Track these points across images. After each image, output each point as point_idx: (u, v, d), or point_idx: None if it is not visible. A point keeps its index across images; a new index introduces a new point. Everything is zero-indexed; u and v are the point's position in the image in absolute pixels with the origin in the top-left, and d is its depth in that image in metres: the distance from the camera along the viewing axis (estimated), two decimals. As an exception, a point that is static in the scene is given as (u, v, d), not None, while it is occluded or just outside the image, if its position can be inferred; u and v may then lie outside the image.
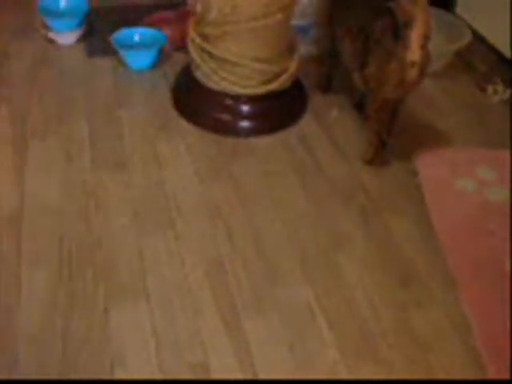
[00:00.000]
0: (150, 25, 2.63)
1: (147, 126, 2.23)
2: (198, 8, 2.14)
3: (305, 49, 2.53)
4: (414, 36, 1.82)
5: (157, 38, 2.55)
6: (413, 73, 1.88)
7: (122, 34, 2.54)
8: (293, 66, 2.19)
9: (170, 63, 2.56)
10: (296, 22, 2.38)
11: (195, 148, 2.15)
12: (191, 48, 2.18)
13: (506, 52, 2.58)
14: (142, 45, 2.55)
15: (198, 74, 2.22)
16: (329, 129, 2.27)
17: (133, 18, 2.75)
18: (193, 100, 2.25)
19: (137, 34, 2.58)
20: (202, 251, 1.79)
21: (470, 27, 2.64)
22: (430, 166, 2.14)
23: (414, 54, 1.85)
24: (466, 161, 2.19)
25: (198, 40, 2.12)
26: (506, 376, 1.51)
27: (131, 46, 2.54)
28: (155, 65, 2.53)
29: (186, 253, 1.78)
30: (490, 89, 2.55)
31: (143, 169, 2.05)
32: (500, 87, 2.54)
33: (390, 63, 1.90)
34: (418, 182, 2.07)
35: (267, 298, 1.68)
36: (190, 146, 2.15)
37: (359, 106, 2.33)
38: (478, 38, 2.69)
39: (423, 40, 1.84)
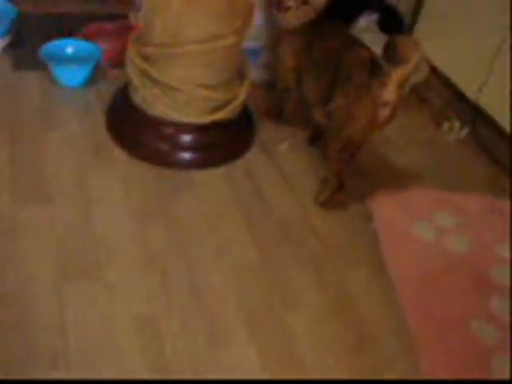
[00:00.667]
0: (87, 37, 2.37)
1: (76, 153, 1.97)
2: (141, 23, 1.91)
3: (254, 73, 2.34)
4: (397, 75, 1.66)
5: (92, 52, 2.28)
6: (385, 112, 1.72)
7: (53, 45, 2.26)
8: (242, 94, 1.98)
9: (105, 81, 2.30)
10: (246, 43, 2.19)
11: (129, 180, 1.90)
12: (129, 69, 1.94)
13: (463, 88, 2.44)
14: (76, 59, 2.29)
15: (136, 98, 1.98)
16: (278, 163, 2.07)
17: (68, 27, 2.49)
18: (129, 126, 2.01)
19: (70, 46, 2.31)
20: (134, 305, 1.55)
21: (427, 59, 2.50)
22: (385, 209, 1.97)
23: (390, 93, 1.68)
24: (423, 204, 2.03)
25: (137, 60, 1.88)
26: None
27: (63, 60, 2.27)
28: (89, 82, 2.27)
29: (114, 306, 1.53)
30: (445, 125, 2.41)
31: (69, 203, 1.79)
32: (456, 124, 2.41)
33: (361, 100, 1.72)
34: (373, 228, 1.89)
35: (208, 361, 1.46)
36: (124, 178, 1.90)
37: (313, 140, 2.15)
38: (434, 71, 2.55)
39: (403, 81, 1.68)
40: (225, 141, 2.03)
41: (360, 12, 2.69)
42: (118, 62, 2.22)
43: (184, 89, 1.87)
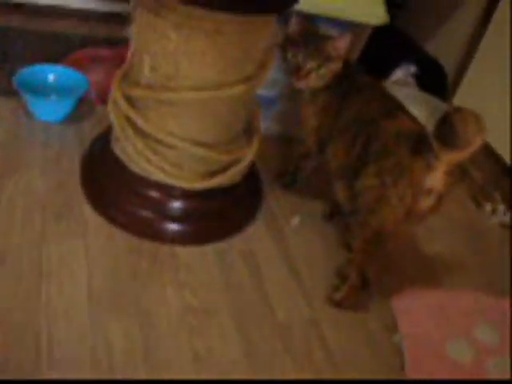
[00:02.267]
0: (74, 63, 1.97)
1: (37, 209, 1.53)
2: (129, 57, 1.49)
3: (267, 125, 1.92)
4: (447, 159, 1.25)
5: (78, 82, 1.87)
6: (427, 202, 1.31)
7: (31, 72, 1.84)
8: (249, 156, 1.55)
9: (91, 118, 1.88)
10: (261, 90, 1.78)
11: (97, 253, 1.47)
12: (111, 113, 1.52)
13: (508, 160, 2.02)
14: (57, 90, 1.88)
15: (117, 149, 1.56)
16: (286, 245, 1.63)
17: (55, 50, 2.10)
18: (107, 182, 1.58)
19: (51, 74, 1.89)
20: None
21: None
22: (413, 317, 1.53)
23: (436, 179, 1.28)
24: (462, 312, 1.58)
25: (122, 104, 1.47)
26: None
27: (41, 90, 1.85)
28: (70, 118, 1.85)
29: None
30: (487, 207, 1.99)
31: (17, 276, 1.36)
32: (499, 207, 1.98)
33: (399, 183, 1.31)
34: (397, 341, 1.46)
35: None
36: (91, 249, 1.47)
37: (331, 216, 1.72)
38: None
39: (454, 166, 1.26)
40: (222, 211, 1.60)
41: (397, 62, 2.28)
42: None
43: (175, 145, 1.44)
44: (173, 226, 1.54)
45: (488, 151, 2.08)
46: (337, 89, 1.54)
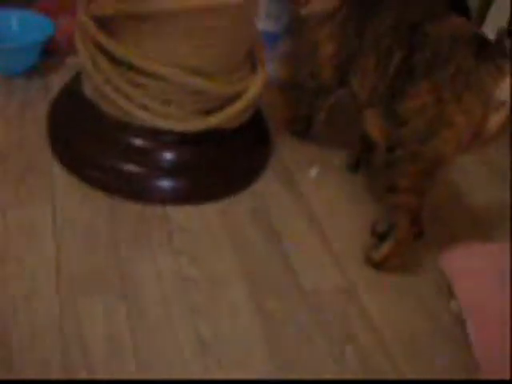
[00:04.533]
0: (42, 10, 1.62)
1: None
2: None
3: (269, 68, 1.57)
4: None
5: (43, 28, 1.52)
6: (497, 119, 0.98)
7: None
8: (254, 89, 1.20)
9: (60, 70, 1.52)
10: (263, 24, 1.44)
11: (68, 220, 1.12)
12: (79, 43, 1.17)
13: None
14: (20, 38, 1.53)
15: (89, 89, 1.21)
16: (302, 200, 1.28)
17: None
18: (77, 132, 1.23)
19: (15, 18, 1.55)
20: None
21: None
22: (469, 277, 1.19)
23: (506, 90, 0.97)
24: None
25: (90, 27, 1.12)
26: None
27: (3, 38, 1.51)
28: (35, 69, 1.50)
29: None
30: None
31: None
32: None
33: (465, 97, 0.98)
34: (455, 309, 1.12)
35: None
36: (60, 215, 1.12)
37: (357, 164, 1.38)
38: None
39: None
40: (224, 162, 1.25)
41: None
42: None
43: (160, 74, 1.09)
44: (163, 182, 1.19)
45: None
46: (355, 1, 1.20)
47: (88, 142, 1.21)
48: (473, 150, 1.07)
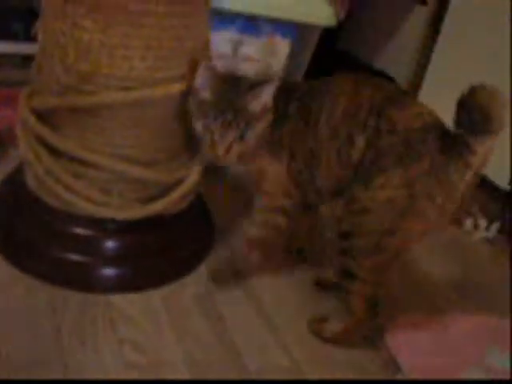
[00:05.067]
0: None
1: None
2: (34, 70, 1.17)
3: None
4: (483, 150, 1.01)
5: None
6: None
7: None
8: (194, 176, 1.21)
9: (1, 161, 1.52)
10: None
11: (11, 313, 1.10)
12: (21, 135, 1.18)
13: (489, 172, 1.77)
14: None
15: (30, 180, 1.22)
16: (247, 282, 1.30)
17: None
18: (19, 224, 1.22)
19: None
20: None
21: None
22: (414, 350, 1.20)
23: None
24: (467, 337, 1.27)
25: (31, 121, 1.14)
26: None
27: None
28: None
29: None
30: (467, 223, 1.71)
31: None
32: (480, 221, 1.71)
33: (434, 194, 1.03)
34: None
35: None
36: (2, 309, 1.10)
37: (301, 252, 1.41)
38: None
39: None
40: (168, 247, 1.25)
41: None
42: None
43: (103, 165, 1.11)
44: (106, 271, 1.19)
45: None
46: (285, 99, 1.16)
47: (30, 233, 1.20)
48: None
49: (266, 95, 1.11)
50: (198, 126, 1.11)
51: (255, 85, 1.11)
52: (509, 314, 1.36)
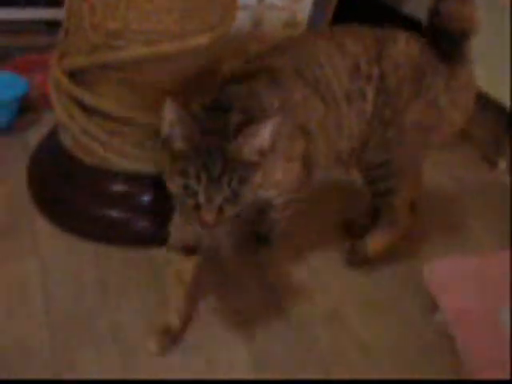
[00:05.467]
0: (16, 69, 1.65)
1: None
2: (61, 34, 1.18)
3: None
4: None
5: (17, 86, 1.55)
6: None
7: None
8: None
9: (37, 125, 1.54)
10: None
11: (55, 271, 1.13)
12: (54, 97, 1.20)
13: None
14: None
15: (67, 140, 1.24)
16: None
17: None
18: (59, 184, 1.25)
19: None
20: None
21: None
22: (451, 289, 1.21)
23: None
24: (504, 275, 1.27)
25: (63, 82, 1.15)
26: None
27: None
28: (11, 127, 1.52)
29: None
30: (501, 163, 1.70)
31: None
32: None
33: (456, 101, 1.11)
34: (439, 322, 1.14)
35: None
36: (47, 267, 1.13)
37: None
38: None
39: None
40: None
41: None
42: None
43: (134, 119, 1.13)
44: (145, 223, 1.21)
45: (491, 103, 1.78)
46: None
47: (69, 192, 1.23)
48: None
49: (266, 135, 0.86)
50: (174, 187, 0.87)
51: (247, 122, 0.86)
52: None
